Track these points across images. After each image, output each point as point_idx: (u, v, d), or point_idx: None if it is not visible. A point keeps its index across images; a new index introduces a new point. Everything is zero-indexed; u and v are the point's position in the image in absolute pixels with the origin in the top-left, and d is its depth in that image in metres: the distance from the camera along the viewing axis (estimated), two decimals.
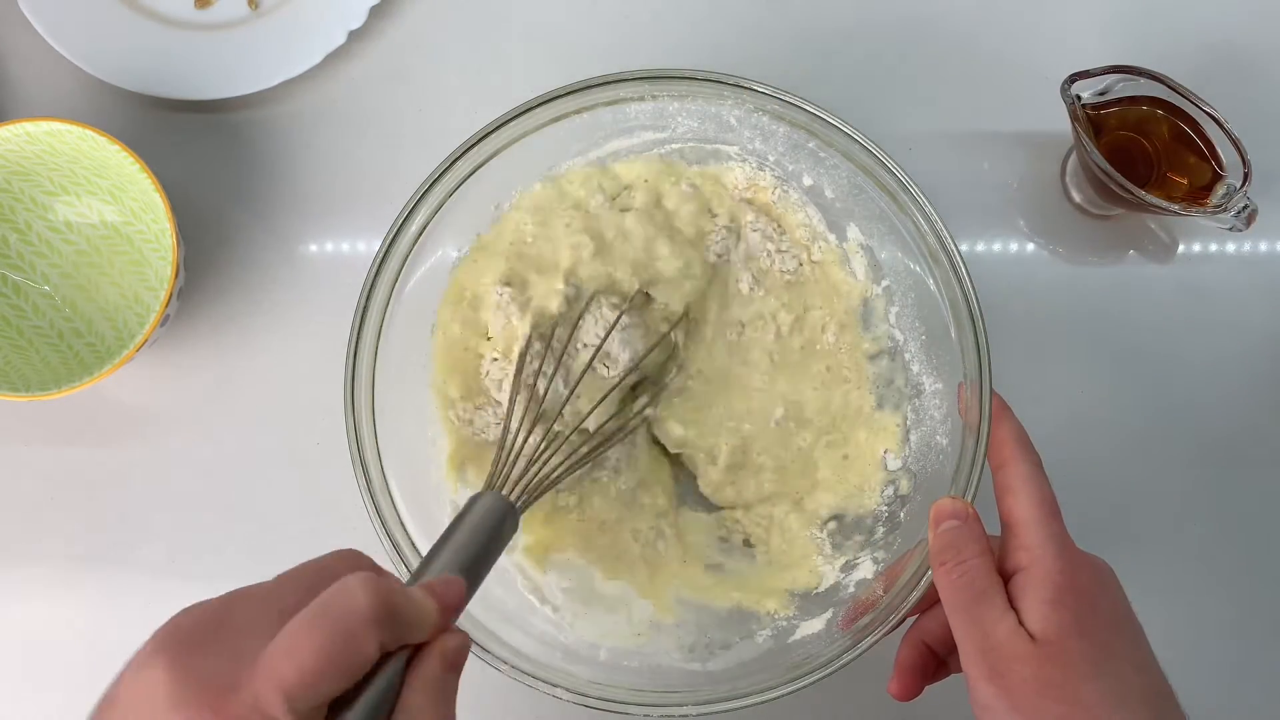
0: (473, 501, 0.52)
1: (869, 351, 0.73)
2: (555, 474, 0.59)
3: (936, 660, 0.59)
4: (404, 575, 0.61)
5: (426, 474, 0.69)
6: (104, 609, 0.75)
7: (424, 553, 0.62)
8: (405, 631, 0.42)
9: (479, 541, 0.49)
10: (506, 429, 0.62)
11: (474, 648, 0.59)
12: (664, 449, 0.74)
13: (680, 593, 0.70)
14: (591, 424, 0.68)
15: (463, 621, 0.60)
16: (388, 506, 0.62)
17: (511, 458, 0.57)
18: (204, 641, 0.40)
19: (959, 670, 0.57)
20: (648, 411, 0.72)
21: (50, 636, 0.75)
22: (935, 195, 0.64)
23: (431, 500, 0.67)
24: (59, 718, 0.74)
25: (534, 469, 0.58)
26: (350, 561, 0.45)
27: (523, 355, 0.67)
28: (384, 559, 0.61)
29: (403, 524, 0.62)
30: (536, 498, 0.56)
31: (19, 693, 0.74)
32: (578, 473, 0.65)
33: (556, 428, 0.66)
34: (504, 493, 0.53)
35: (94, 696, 0.76)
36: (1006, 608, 0.51)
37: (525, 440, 0.61)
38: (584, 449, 0.65)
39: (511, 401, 0.64)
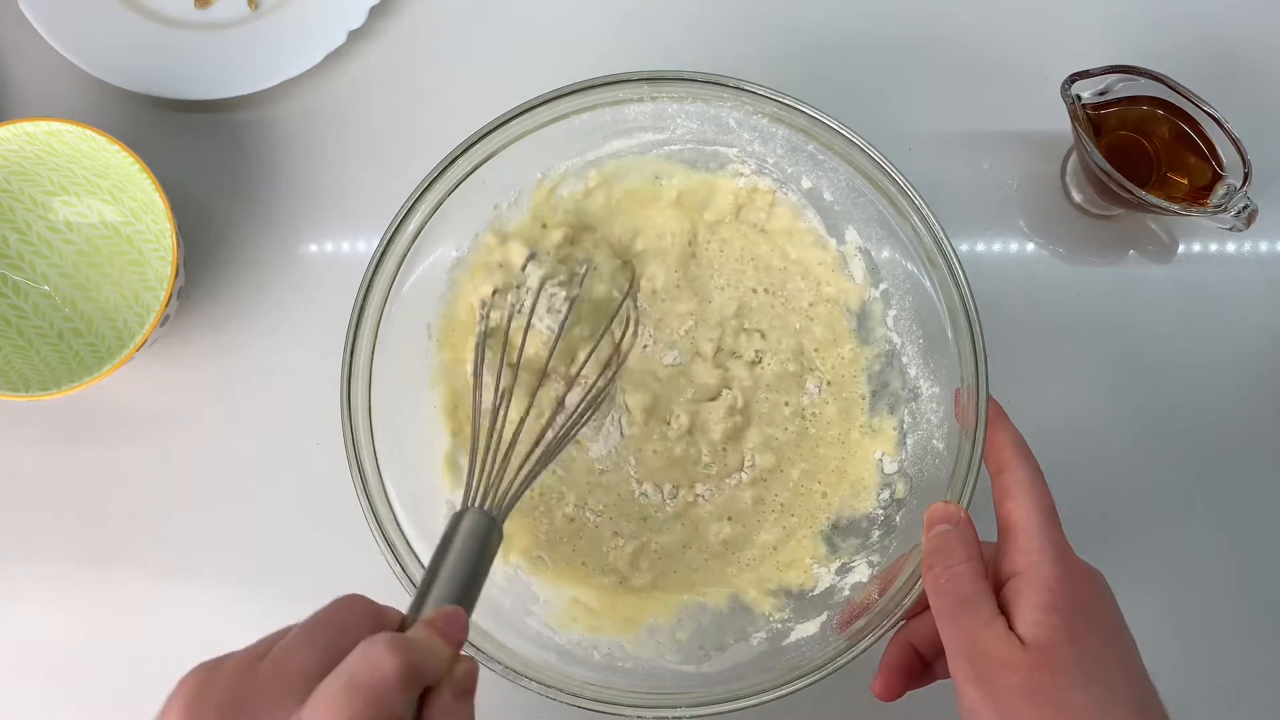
0: (456, 522, 0.52)
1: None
2: (530, 470, 0.59)
3: (923, 664, 0.59)
4: (401, 573, 0.61)
5: (422, 474, 0.69)
6: (104, 609, 0.75)
7: (418, 552, 0.62)
8: (427, 682, 0.44)
9: (468, 564, 0.50)
10: (474, 437, 0.61)
11: (469, 648, 0.60)
12: None
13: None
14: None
15: None
16: (383, 506, 0.62)
17: (483, 465, 0.57)
18: (230, 711, 0.42)
19: (945, 676, 0.57)
20: (607, 383, 0.71)
21: (50, 636, 0.75)
22: (934, 195, 0.64)
23: (427, 500, 0.68)
24: (58, 718, 0.74)
25: (509, 470, 0.57)
26: (357, 610, 0.46)
27: (478, 349, 0.67)
28: (380, 558, 0.61)
29: (398, 523, 0.63)
30: (516, 499, 0.56)
31: (19, 693, 0.75)
32: (552, 463, 0.63)
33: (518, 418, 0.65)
34: (484, 506, 0.53)
35: (93, 696, 0.77)
36: (994, 614, 0.51)
37: (492, 442, 0.60)
38: (551, 435, 0.64)
39: (475, 405, 0.63)
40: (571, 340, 0.72)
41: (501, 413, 0.61)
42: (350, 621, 0.45)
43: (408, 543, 0.62)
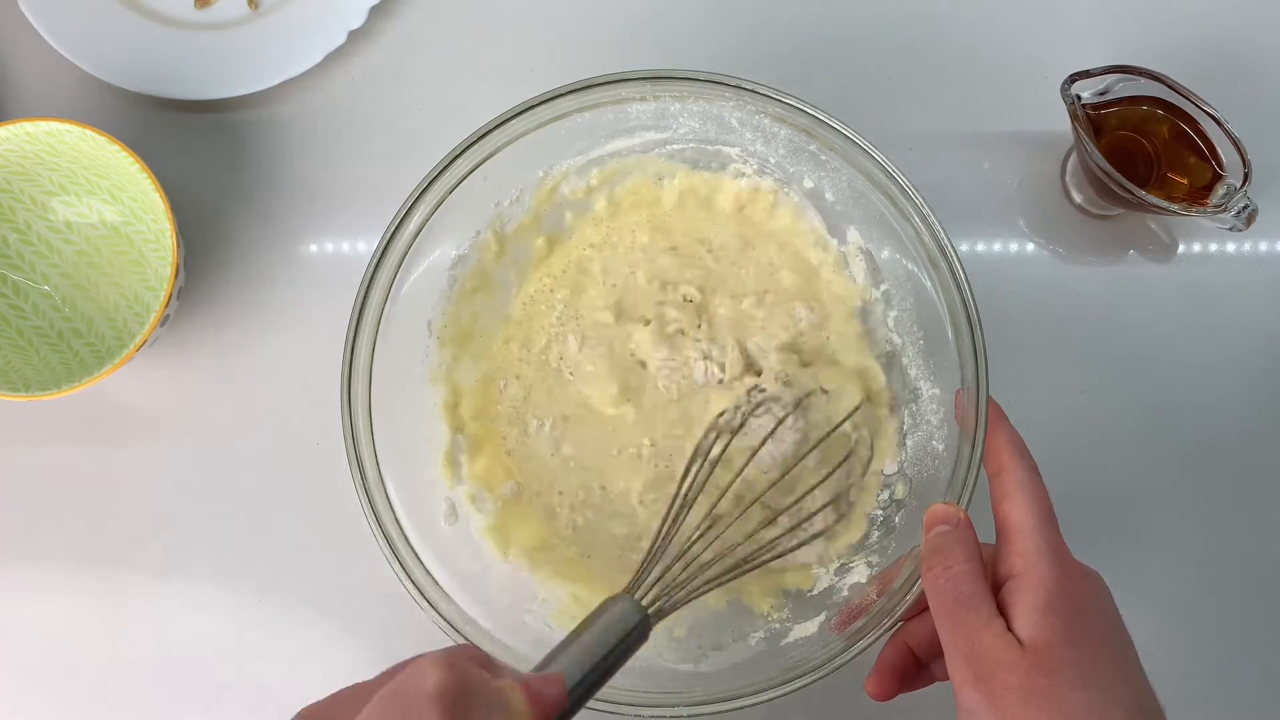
0: (606, 605, 0.51)
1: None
2: (705, 584, 0.56)
3: (919, 665, 0.60)
4: (401, 572, 0.61)
5: (422, 470, 0.69)
6: (104, 609, 0.75)
7: (418, 550, 0.62)
8: (479, 715, 0.42)
9: (598, 647, 0.49)
10: (662, 526, 0.58)
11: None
12: None
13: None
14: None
15: (457, 618, 0.61)
16: (383, 503, 0.62)
17: (655, 558, 0.55)
18: None
19: (943, 678, 0.57)
20: (832, 525, 0.68)
21: (50, 636, 0.75)
22: (935, 195, 0.64)
23: (426, 497, 0.68)
24: (59, 718, 0.74)
25: (680, 572, 0.55)
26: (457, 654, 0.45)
27: (693, 458, 0.62)
28: (380, 557, 0.61)
29: (398, 521, 0.63)
30: (677, 606, 0.54)
31: (19, 693, 0.75)
32: (729, 581, 0.59)
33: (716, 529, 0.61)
34: (640, 598, 0.52)
35: (94, 696, 0.77)
36: (993, 614, 0.51)
37: (673, 538, 0.57)
38: (740, 557, 0.60)
39: (675, 499, 0.59)
40: (786, 461, 0.69)
41: (684, 512, 0.59)
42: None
43: (408, 541, 0.62)
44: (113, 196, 0.77)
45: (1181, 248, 0.82)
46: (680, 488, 0.60)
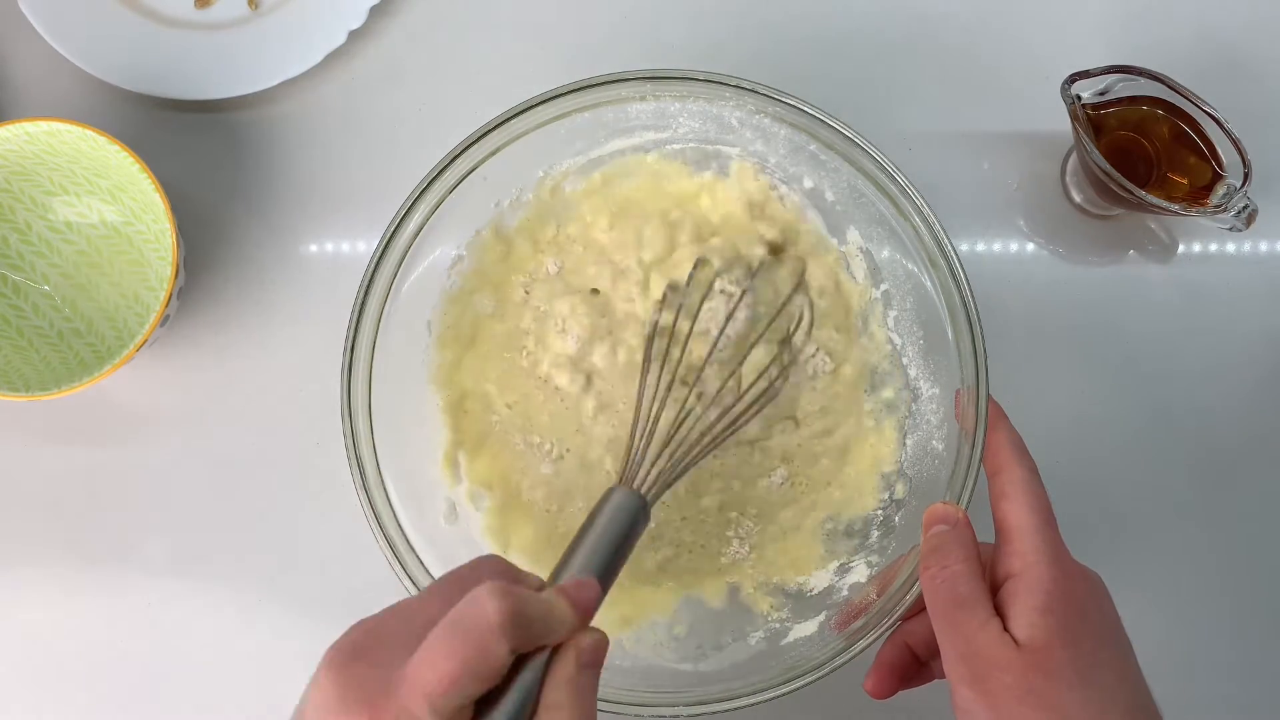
0: (606, 498, 0.53)
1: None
2: (688, 458, 0.60)
3: (918, 664, 0.60)
4: (401, 572, 0.61)
5: (422, 471, 0.69)
6: (104, 609, 0.75)
7: (418, 550, 0.62)
8: (538, 634, 0.44)
9: (610, 539, 0.52)
10: (636, 416, 0.62)
11: None
12: None
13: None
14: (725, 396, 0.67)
15: None
16: (383, 503, 0.62)
17: (643, 446, 0.58)
18: (362, 654, 0.44)
19: (943, 676, 0.57)
20: (785, 374, 0.69)
21: (50, 636, 0.75)
22: (935, 195, 0.64)
23: (427, 498, 0.68)
24: (58, 717, 0.74)
25: (666, 454, 0.59)
26: (489, 568, 0.48)
27: (649, 337, 0.67)
28: (380, 556, 0.61)
29: (398, 521, 0.63)
30: (670, 485, 0.58)
31: (19, 693, 0.75)
32: (710, 454, 0.64)
33: (687, 407, 0.65)
34: (635, 485, 0.55)
35: (93, 696, 0.77)
36: (989, 614, 0.51)
37: (655, 424, 0.61)
38: (719, 427, 0.64)
39: (641, 385, 0.64)
40: (741, 334, 0.70)
41: (658, 401, 0.62)
42: (480, 578, 0.46)
43: (408, 541, 0.62)
44: (113, 196, 0.77)
45: (1181, 248, 0.82)
46: (645, 370, 0.64)
